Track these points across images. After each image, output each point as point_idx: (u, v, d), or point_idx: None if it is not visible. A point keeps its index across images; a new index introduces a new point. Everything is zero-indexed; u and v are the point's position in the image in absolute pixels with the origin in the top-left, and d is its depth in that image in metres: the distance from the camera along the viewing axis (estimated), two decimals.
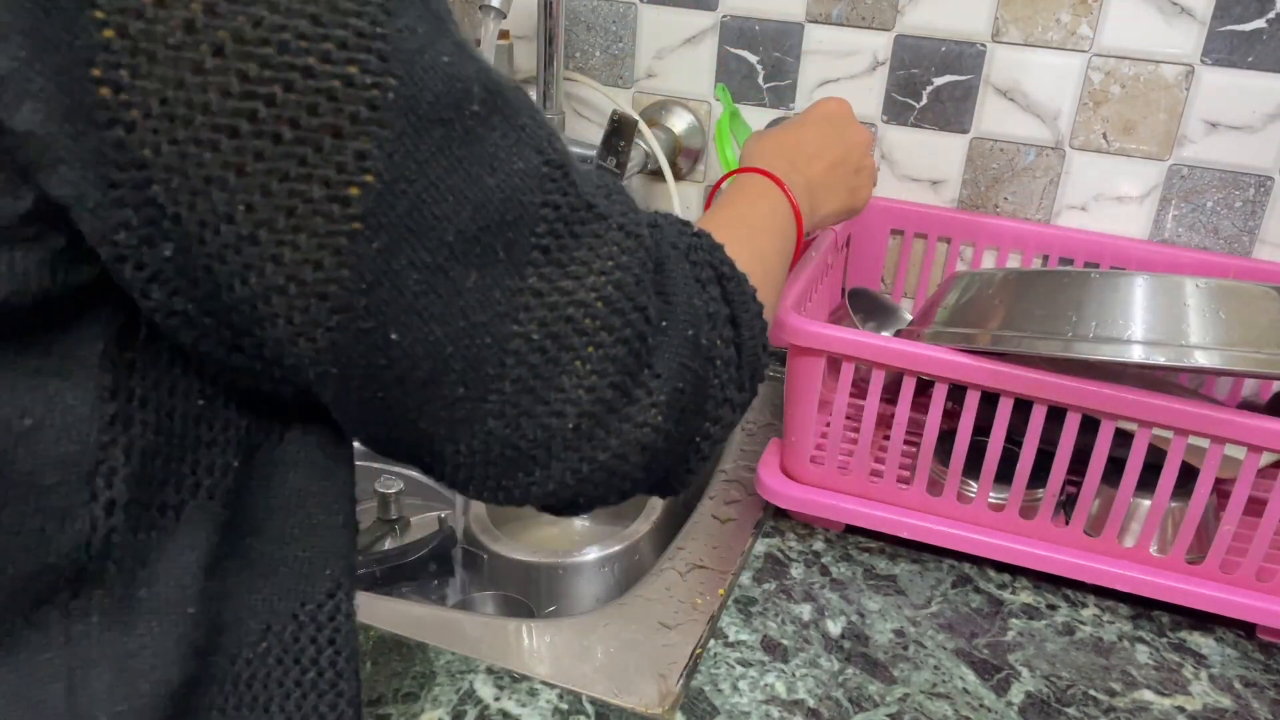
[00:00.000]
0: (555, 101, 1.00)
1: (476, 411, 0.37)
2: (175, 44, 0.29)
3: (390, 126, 0.32)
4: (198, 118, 0.30)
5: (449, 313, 0.35)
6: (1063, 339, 0.65)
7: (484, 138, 0.35)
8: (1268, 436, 0.65)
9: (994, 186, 0.97)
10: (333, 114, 0.31)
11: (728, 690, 0.65)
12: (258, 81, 0.30)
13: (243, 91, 0.30)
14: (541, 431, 0.38)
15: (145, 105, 0.29)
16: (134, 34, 0.29)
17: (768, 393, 1.00)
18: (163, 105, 0.29)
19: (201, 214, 0.31)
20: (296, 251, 0.32)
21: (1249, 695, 0.67)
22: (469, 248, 0.35)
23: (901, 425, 0.75)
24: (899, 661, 0.68)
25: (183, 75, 0.29)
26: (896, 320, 0.98)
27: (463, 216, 0.34)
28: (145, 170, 0.30)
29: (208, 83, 0.29)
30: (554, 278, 0.37)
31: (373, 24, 0.31)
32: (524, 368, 0.37)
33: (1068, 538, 0.74)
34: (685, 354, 0.41)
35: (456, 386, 0.36)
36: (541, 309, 0.37)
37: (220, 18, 0.29)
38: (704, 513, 0.82)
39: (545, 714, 0.62)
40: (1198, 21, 0.86)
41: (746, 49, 0.99)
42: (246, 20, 0.29)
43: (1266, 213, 0.91)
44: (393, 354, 0.35)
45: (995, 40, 0.92)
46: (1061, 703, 0.65)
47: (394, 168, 0.32)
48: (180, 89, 0.29)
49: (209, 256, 0.31)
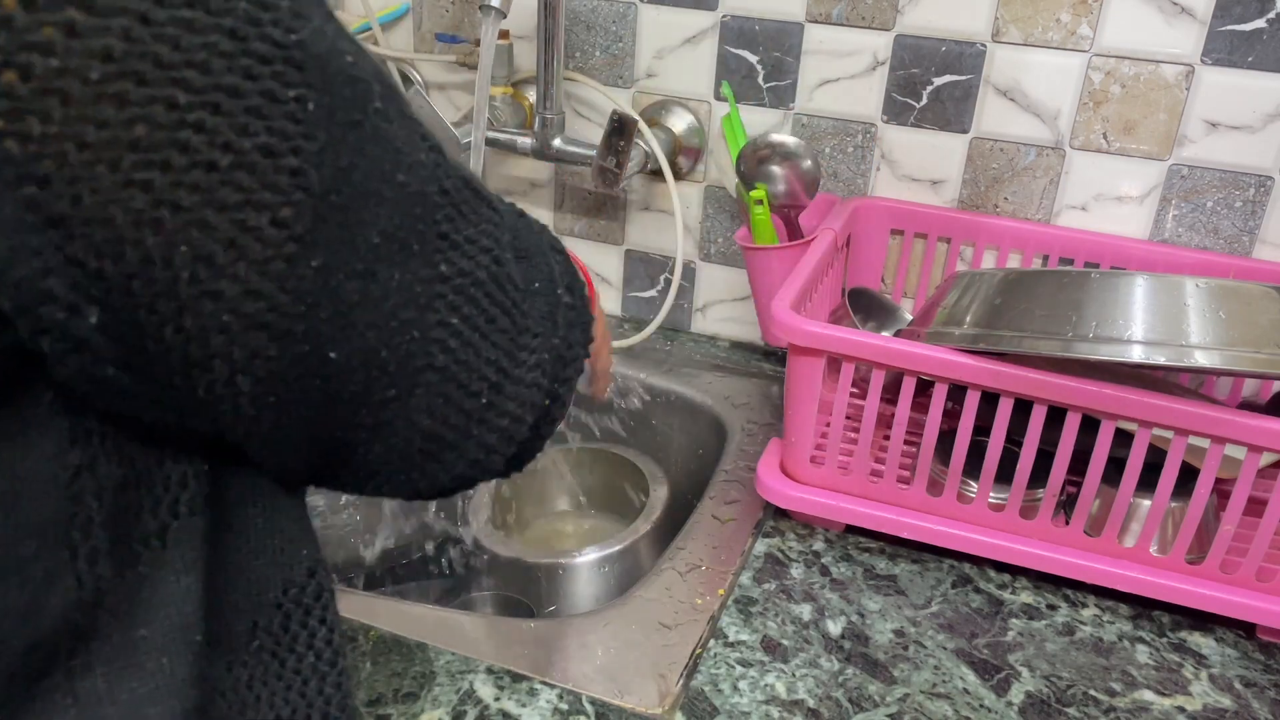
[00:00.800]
0: (555, 101, 1.00)
1: (403, 410, 0.37)
2: (95, 79, 0.26)
3: (315, 138, 0.30)
4: (126, 157, 0.27)
5: (380, 317, 0.34)
6: (1063, 339, 0.65)
7: (389, 134, 0.34)
8: (1268, 436, 0.65)
9: (994, 186, 0.97)
10: (264, 132, 0.29)
11: (728, 690, 0.65)
12: (186, 108, 0.27)
13: (171, 121, 0.27)
14: (460, 415, 0.39)
15: (61, 154, 0.26)
16: (41, 74, 0.25)
17: (768, 392, 1.00)
18: (82, 151, 0.26)
19: (131, 264, 0.28)
20: (236, 283, 0.30)
21: (1249, 695, 0.67)
22: (391, 246, 0.34)
23: (901, 425, 0.75)
24: (899, 661, 0.68)
25: (104, 113, 0.26)
26: (896, 320, 0.98)
27: (384, 216, 0.33)
28: (61, 228, 0.27)
29: (134, 117, 0.27)
30: (456, 260, 0.37)
31: (287, 31, 0.29)
32: (445, 354, 0.37)
33: (1068, 538, 0.74)
34: (547, 312, 0.43)
35: (388, 389, 0.36)
36: (452, 293, 0.37)
37: (139, 43, 0.26)
38: (704, 513, 0.82)
39: (545, 714, 0.62)
40: (1198, 21, 0.86)
41: (746, 49, 0.99)
42: (165, 43, 0.27)
43: (1266, 213, 0.91)
44: (328, 372, 0.33)
45: (995, 40, 0.92)
46: (1061, 703, 0.65)
47: (323, 180, 0.31)
48: (103, 129, 0.26)
49: (138, 308, 0.29)
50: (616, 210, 1.11)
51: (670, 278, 1.09)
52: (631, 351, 1.05)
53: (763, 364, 1.06)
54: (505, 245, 0.40)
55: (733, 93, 0.99)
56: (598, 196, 1.11)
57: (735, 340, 1.11)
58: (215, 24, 0.28)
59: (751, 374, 1.04)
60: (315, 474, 0.39)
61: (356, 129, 0.32)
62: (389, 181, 0.33)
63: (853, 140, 0.99)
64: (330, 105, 0.31)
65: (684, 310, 1.12)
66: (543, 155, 1.02)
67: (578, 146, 1.01)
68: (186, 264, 0.29)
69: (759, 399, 0.99)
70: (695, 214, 1.07)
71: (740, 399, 0.99)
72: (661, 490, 0.94)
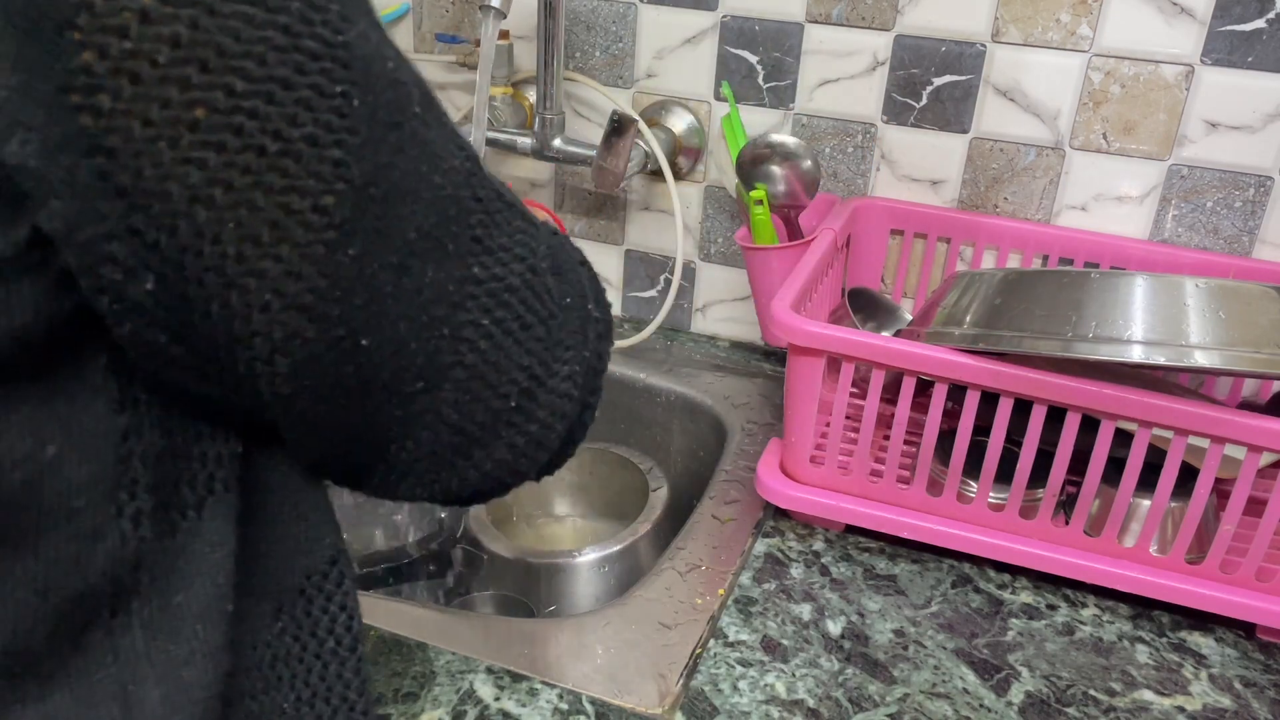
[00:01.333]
0: (555, 101, 1.00)
1: (431, 403, 0.38)
2: (163, 62, 0.28)
3: (358, 133, 0.32)
4: (185, 136, 0.29)
5: (412, 310, 0.36)
6: (1063, 339, 0.65)
7: (426, 138, 0.36)
8: (1268, 436, 0.65)
9: (994, 186, 0.97)
10: (311, 123, 0.31)
11: (728, 690, 0.65)
12: (242, 95, 0.30)
13: (228, 106, 0.29)
14: (487, 414, 0.40)
15: (128, 129, 0.28)
16: (115, 55, 0.28)
17: (768, 392, 1.00)
18: (146, 127, 0.29)
19: (183, 238, 0.30)
20: (279, 264, 0.32)
21: (1249, 695, 0.67)
22: (426, 244, 0.36)
23: (901, 425, 0.75)
24: (899, 661, 0.68)
25: (169, 94, 0.29)
26: (896, 320, 0.98)
27: (420, 214, 0.35)
28: (125, 198, 0.29)
29: (195, 100, 0.29)
30: (490, 265, 0.39)
31: (335, 32, 0.31)
32: (475, 354, 0.39)
33: (1068, 538, 0.74)
34: (578, 326, 0.44)
35: (416, 381, 0.37)
36: (484, 295, 0.39)
37: (205, 32, 0.29)
38: (704, 513, 0.82)
39: (545, 714, 0.62)
40: (1198, 21, 0.86)
41: (746, 49, 0.99)
42: (228, 35, 0.29)
43: (1266, 213, 0.91)
44: (360, 360, 0.35)
45: (995, 40, 0.92)
46: (1061, 703, 0.65)
47: (364, 174, 0.33)
48: (167, 108, 0.29)
49: (188, 282, 0.31)
50: (616, 210, 1.11)
51: (670, 278, 1.09)
52: (631, 351, 1.05)
53: (763, 364, 1.06)
54: (541, 256, 0.42)
55: (733, 93, 0.99)
56: (598, 196, 1.11)
57: (735, 340, 1.11)
58: (272, 20, 0.30)
59: (751, 374, 1.04)
60: (351, 470, 0.40)
61: (397, 129, 0.34)
62: (426, 182, 0.35)
63: (853, 140, 0.99)
64: (373, 104, 0.33)
65: (684, 310, 1.12)
66: (543, 155, 1.02)
67: (578, 146, 1.01)
68: (234, 241, 0.31)
69: (759, 399, 0.99)
70: (695, 214, 1.07)
71: (740, 399, 0.99)
72: (661, 490, 0.94)
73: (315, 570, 0.41)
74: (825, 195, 1.00)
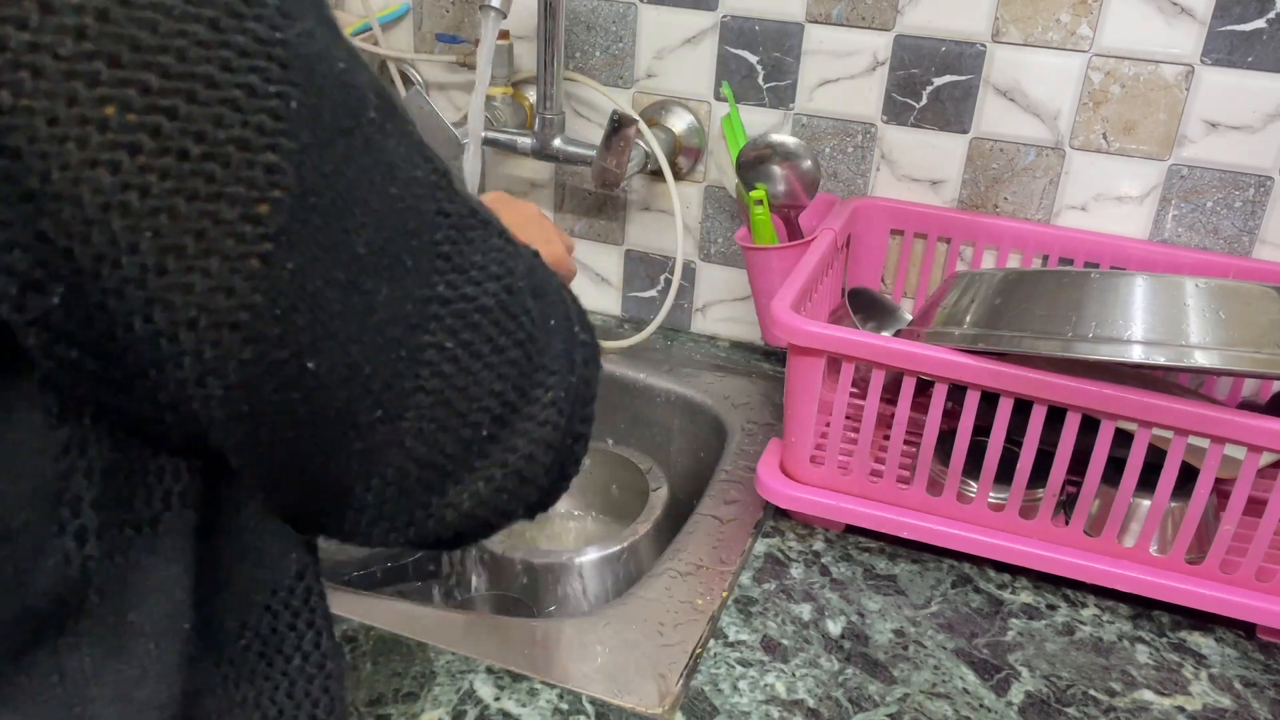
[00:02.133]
0: (555, 101, 1.00)
1: (393, 434, 0.36)
2: (66, 55, 0.26)
3: (295, 138, 0.30)
4: (94, 136, 0.27)
5: (364, 331, 0.33)
6: (1063, 339, 0.65)
7: (382, 146, 0.33)
8: (1268, 436, 0.65)
9: (994, 186, 0.97)
10: (239, 125, 0.29)
11: (728, 690, 0.65)
12: (159, 93, 0.27)
13: (144, 105, 0.27)
14: (457, 445, 0.37)
15: (32, 128, 0.26)
16: (14, 47, 0.26)
17: (768, 392, 1.00)
18: (51, 126, 0.26)
19: (98, 246, 0.28)
20: (207, 278, 0.29)
21: (1249, 695, 0.67)
22: (379, 260, 0.33)
23: (901, 425, 0.75)
24: (899, 661, 0.68)
25: (75, 90, 0.26)
26: (896, 320, 0.98)
27: (371, 228, 0.33)
28: (32, 202, 0.27)
29: (105, 96, 0.27)
30: (458, 284, 0.36)
31: (271, 28, 0.29)
32: (439, 378, 0.36)
33: (1068, 538, 0.74)
34: (563, 350, 0.42)
35: (374, 410, 0.35)
36: (449, 317, 0.36)
37: (115, 24, 0.27)
38: (704, 513, 0.82)
39: (545, 714, 0.62)
40: (1198, 21, 0.86)
41: (746, 49, 0.99)
42: (142, 27, 0.27)
43: (1266, 213, 0.91)
44: (308, 385, 0.32)
45: (995, 40, 0.92)
46: (1061, 703, 0.65)
47: (303, 181, 0.30)
48: (73, 105, 0.27)
49: (105, 293, 0.28)
50: (616, 210, 1.11)
51: (670, 278, 1.09)
52: (631, 351, 1.05)
53: (763, 364, 1.06)
54: (520, 275, 0.39)
55: (733, 93, 0.99)
56: (598, 196, 1.11)
57: (735, 340, 1.11)
58: (195, 13, 0.28)
59: (751, 374, 1.04)
60: (319, 515, 0.38)
61: (346, 135, 0.32)
62: (379, 193, 0.33)
63: (853, 140, 0.99)
64: (316, 107, 0.31)
65: (684, 310, 1.12)
66: (543, 155, 1.02)
67: (578, 146, 1.01)
68: (154, 252, 0.28)
69: (759, 399, 0.99)
70: (695, 214, 1.07)
71: (740, 399, 0.99)
72: (661, 490, 0.94)
73: (281, 586, 0.39)
74: (825, 195, 1.00)
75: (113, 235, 0.28)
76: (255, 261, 0.30)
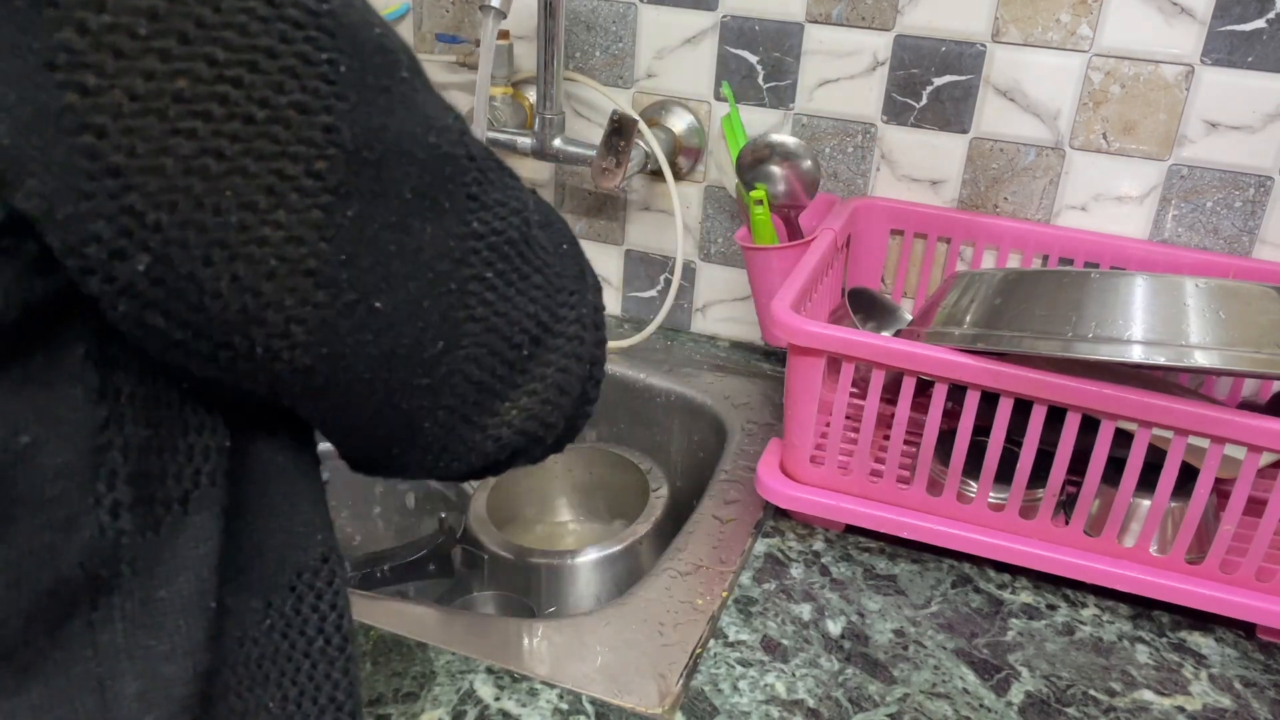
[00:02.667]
0: (555, 101, 1.00)
1: (454, 363, 0.39)
2: (143, 34, 0.28)
3: (346, 99, 0.33)
4: (172, 108, 0.29)
5: (418, 269, 0.36)
6: (1063, 339, 0.65)
7: (416, 100, 0.36)
8: (1268, 436, 0.65)
9: (994, 186, 0.97)
10: (298, 90, 0.31)
11: (728, 690, 0.65)
12: (225, 64, 0.30)
13: (212, 75, 0.30)
14: (505, 366, 0.41)
15: (115, 105, 0.28)
16: (95, 29, 0.28)
17: (768, 392, 1.00)
18: (133, 102, 0.29)
19: (184, 213, 0.30)
20: (279, 229, 0.32)
21: (1249, 695, 0.67)
22: (423, 203, 0.36)
23: (901, 425, 0.75)
24: (899, 661, 0.68)
25: (152, 66, 0.29)
26: (896, 320, 0.98)
27: (415, 174, 0.36)
28: (121, 177, 0.29)
29: (177, 70, 0.29)
30: (488, 219, 0.40)
31: (319, 1, 0.32)
32: (484, 306, 0.39)
33: (1068, 538, 0.74)
34: (577, 271, 0.45)
35: (436, 341, 0.38)
36: (485, 250, 0.39)
37: (182, 4, 0.29)
38: (704, 513, 0.82)
39: (545, 714, 0.62)
40: (1198, 21, 0.86)
41: (746, 49, 0.99)
42: (207, 7, 0.29)
43: (1266, 213, 0.91)
44: (378, 325, 0.35)
45: (995, 40, 0.92)
46: (1061, 703, 0.65)
47: (355, 137, 0.33)
48: (151, 80, 0.29)
49: (193, 261, 0.31)
50: (616, 210, 1.11)
51: (670, 278, 1.09)
52: (631, 351, 1.05)
53: (763, 364, 1.06)
54: (532, 210, 0.43)
55: (733, 93, 0.99)
56: (598, 196, 1.11)
57: (735, 340, 1.11)
58: None
59: (751, 374, 1.04)
60: (386, 456, 0.41)
61: (386, 93, 0.34)
62: (420, 142, 0.36)
63: (852, 140, 0.99)
64: (361, 69, 0.33)
65: (684, 310, 1.12)
66: (543, 155, 1.02)
67: (578, 146, 1.01)
68: (233, 209, 0.31)
69: (759, 399, 0.99)
70: (695, 214, 1.07)
71: (740, 399, 0.99)
72: (661, 490, 0.94)
73: (306, 567, 0.41)
74: (825, 195, 1.00)
75: (196, 198, 0.30)
76: (318, 212, 0.33)
